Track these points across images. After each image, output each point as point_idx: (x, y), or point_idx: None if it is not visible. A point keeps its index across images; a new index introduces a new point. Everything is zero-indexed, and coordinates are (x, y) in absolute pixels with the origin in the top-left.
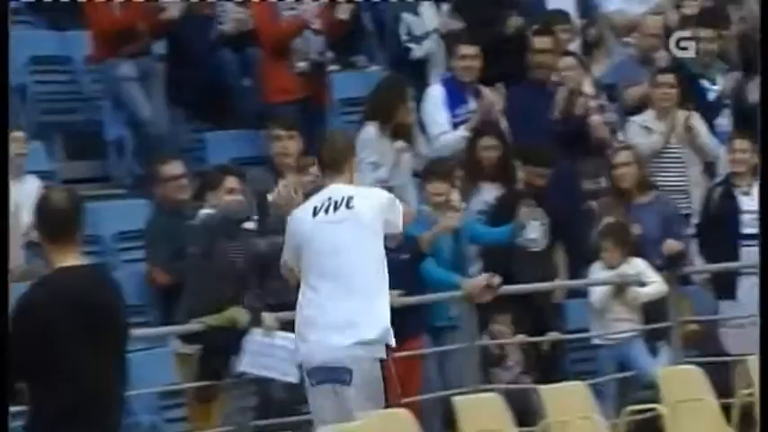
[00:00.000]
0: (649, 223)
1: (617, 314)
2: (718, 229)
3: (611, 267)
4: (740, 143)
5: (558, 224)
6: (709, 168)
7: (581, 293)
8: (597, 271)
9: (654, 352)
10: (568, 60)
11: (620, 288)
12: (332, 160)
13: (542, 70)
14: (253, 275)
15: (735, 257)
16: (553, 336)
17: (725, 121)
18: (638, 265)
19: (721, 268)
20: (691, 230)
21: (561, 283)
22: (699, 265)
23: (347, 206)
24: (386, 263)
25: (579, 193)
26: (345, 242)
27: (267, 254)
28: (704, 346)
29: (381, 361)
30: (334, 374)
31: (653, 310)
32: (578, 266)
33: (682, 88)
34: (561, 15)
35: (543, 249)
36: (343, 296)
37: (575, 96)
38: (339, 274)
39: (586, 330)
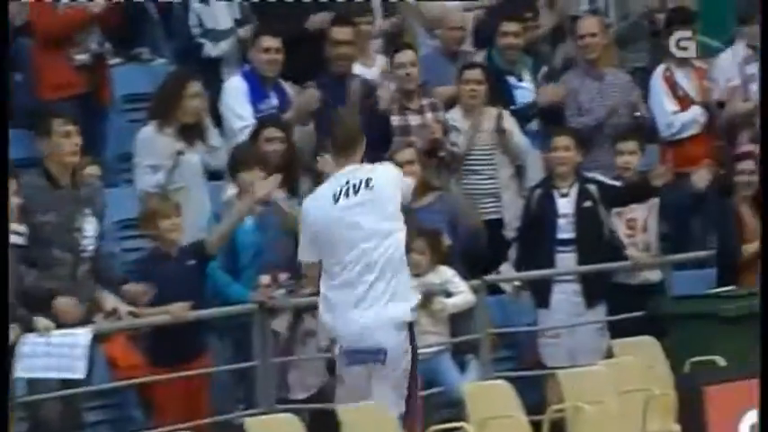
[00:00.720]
0: (433, 225)
1: (423, 327)
2: (537, 234)
3: (417, 276)
4: (561, 140)
5: None
6: (521, 171)
7: None
8: None
9: (462, 367)
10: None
11: (425, 298)
12: (346, 142)
13: (342, 62)
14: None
15: (551, 264)
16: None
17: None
18: (444, 274)
19: (535, 276)
20: (508, 235)
21: None
22: (507, 272)
23: (367, 186)
24: (402, 237)
25: None
26: (372, 223)
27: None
28: (520, 358)
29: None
30: (371, 355)
31: (460, 322)
32: None
33: (490, 85)
34: (362, 5)
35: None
36: (377, 277)
37: (378, 90)
38: (370, 256)
39: None
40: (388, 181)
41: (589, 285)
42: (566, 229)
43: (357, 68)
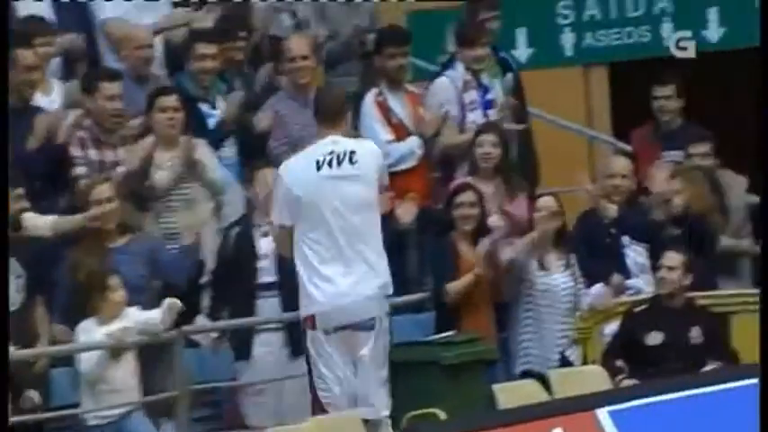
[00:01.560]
0: (128, 268)
1: (110, 385)
2: (236, 278)
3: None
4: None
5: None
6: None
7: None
8: (89, 329)
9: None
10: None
11: (116, 350)
12: (328, 111)
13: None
14: None
15: (251, 311)
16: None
17: (230, 151)
18: (135, 316)
19: (234, 325)
20: (205, 279)
21: (42, 350)
22: (204, 321)
23: (350, 161)
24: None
25: None
26: (354, 198)
27: None
28: (221, 417)
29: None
30: (364, 323)
31: (155, 378)
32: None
33: (185, 113)
34: (38, 22)
35: (18, 307)
36: (364, 248)
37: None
38: (351, 231)
39: (76, 406)
40: (372, 158)
41: (294, 334)
42: (268, 273)
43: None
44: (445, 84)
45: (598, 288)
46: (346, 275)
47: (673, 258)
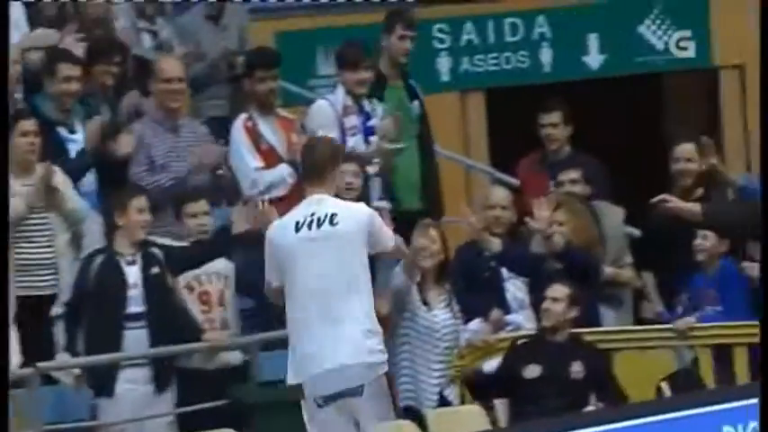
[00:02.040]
0: None
1: None
2: (98, 310)
3: None
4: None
5: None
6: (78, 237)
7: None
8: None
9: None
10: None
11: None
12: (313, 168)
13: None
14: None
15: (117, 344)
16: None
17: (89, 177)
18: None
19: (94, 361)
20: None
21: None
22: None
23: (331, 223)
24: (370, 282)
25: None
26: (330, 262)
27: None
28: None
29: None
30: (348, 392)
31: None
32: None
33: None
34: None
35: None
36: (334, 318)
37: None
38: (325, 296)
39: None
40: (354, 222)
41: (159, 369)
42: (137, 302)
43: None
44: (323, 107)
45: (476, 323)
46: (324, 341)
47: (558, 290)
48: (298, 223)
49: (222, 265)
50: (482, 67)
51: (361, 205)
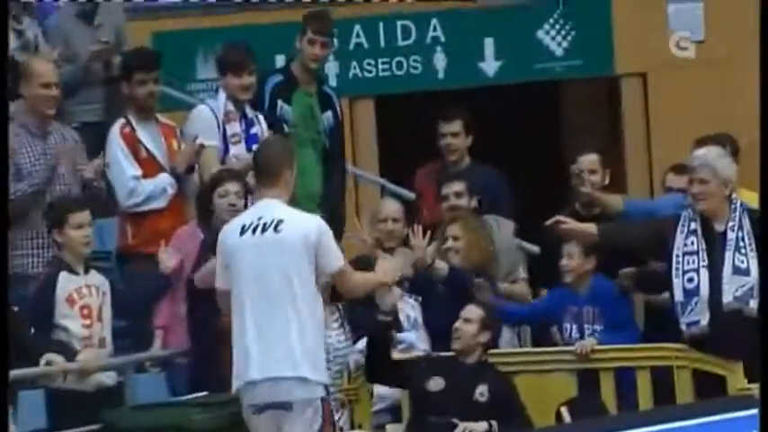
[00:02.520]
0: None
1: None
2: None
3: None
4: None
5: None
6: None
7: None
8: None
9: None
10: None
11: None
12: (265, 169)
13: None
14: None
15: None
16: None
17: None
18: None
19: None
20: None
21: None
22: None
23: (275, 230)
24: (318, 297)
25: None
26: (269, 270)
27: None
28: None
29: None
30: (274, 405)
31: None
32: None
33: None
34: None
35: None
36: (267, 330)
37: None
38: (261, 304)
39: None
40: (299, 233)
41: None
42: None
43: None
44: (204, 113)
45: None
46: (255, 351)
47: (472, 311)
48: (244, 226)
49: (100, 279)
50: (372, 72)
51: (313, 217)
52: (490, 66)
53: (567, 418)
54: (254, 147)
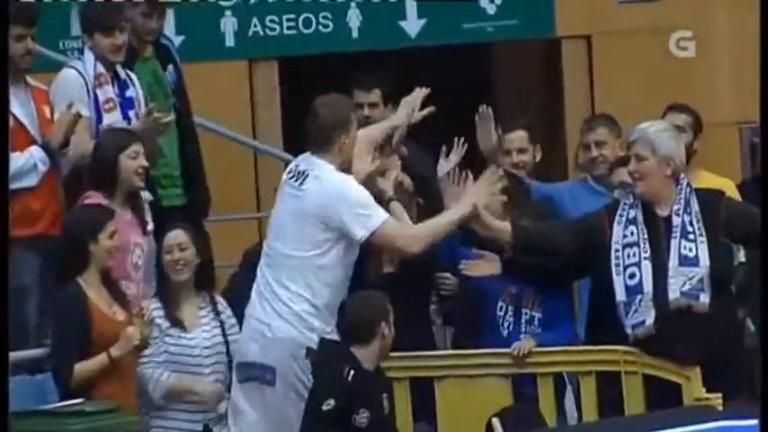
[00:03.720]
0: None
1: None
2: None
3: None
4: None
5: None
6: None
7: None
8: None
9: None
10: None
11: None
12: (316, 135)
13: None
14: None
15: None
16: None
17: None
18: None
19: None
20: None
21: None
22: None
23: (301, 184)
24: (326, 262)
25: None
26: (286, 224)
27: None
28: None
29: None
30: (258, 372)
31: None
32: None
33: None
34: None
35: None
36: (274, 285)
37: None
38: (273, 258)
39: None
40: (319, 191)
41: None
42: None
43: None
44: (71, 77)
45: None
46: (254, 302)
47: None
48: (290, 170)
49: None
50: (275, 30)
51: (343, 178)
52: (412, 25)
53: (498, 430)
54: (131, 113)
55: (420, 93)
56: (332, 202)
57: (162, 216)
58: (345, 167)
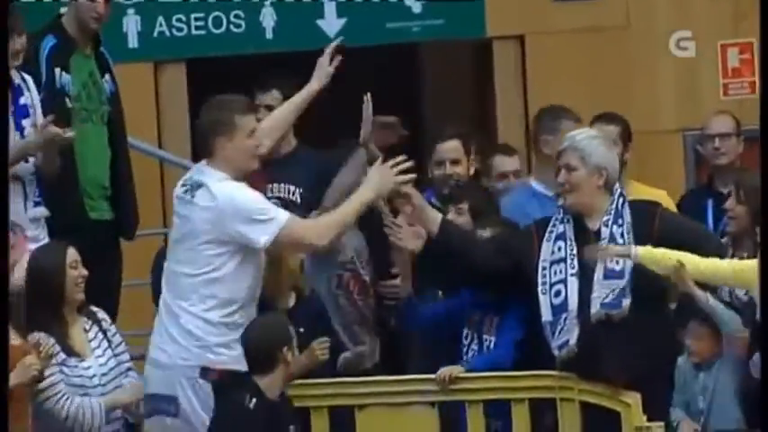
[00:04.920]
0: None
1: None
2: None
3: None
4: None
5: None
6: None
7: None
8: None
9: None
10: None
11: None
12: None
13: None
14: None
15: None
16: None
17: None
18: None
19: None
20: None
21: None
22: None
23: (192, 196)
24: (221, 275)
25: None
26: (178, 241)
27: None
28: None
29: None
30: (162, 403)
31: None
32: None
33: None
34: None
35: None
36: (171, 306)
37: None
38: (169, 278)
39: None
40: (212, 206)
41: None
42: None
43: None
44: None
45: None
46: (155, 326)
47: None
48: (183, 181)
49: None
50: (183, 30)
51: (232, 187)
52: (331, 24)
53: None
54: (26, 121)
55: (330, 48)
56: (222, 216)
57: (89, 228)
58: (245, 174)
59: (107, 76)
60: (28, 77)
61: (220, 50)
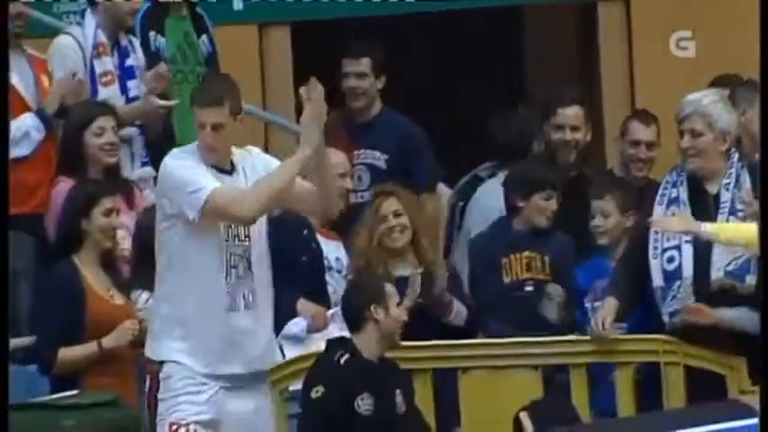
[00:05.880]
0: None
1: None
2: None
3: None
4: None
5: None
6: None
7: None
8: None
9: None
10: None
11: None
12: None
13: None
14: None
15: None
16: None
17: None
18: None
19: None
20: None
21: None
22: None
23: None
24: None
25: None
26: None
27: None
28: None
29: None
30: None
31: None
32: None
33: None
34: None
35: None
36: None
37: None
38: None
39: None
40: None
41: None
42: None
43: None
44: (66, 45)
45: (299, 322)
46: None
47: None
48: None
49: None
50: None
51: (174, 163)
52: None
53: (527, 426)
54: (131, 83)
55: (312, 86)
56: (164, 191)
57: None
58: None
59: (204, 37)
60: (135, 40)
61: (325, 14)
